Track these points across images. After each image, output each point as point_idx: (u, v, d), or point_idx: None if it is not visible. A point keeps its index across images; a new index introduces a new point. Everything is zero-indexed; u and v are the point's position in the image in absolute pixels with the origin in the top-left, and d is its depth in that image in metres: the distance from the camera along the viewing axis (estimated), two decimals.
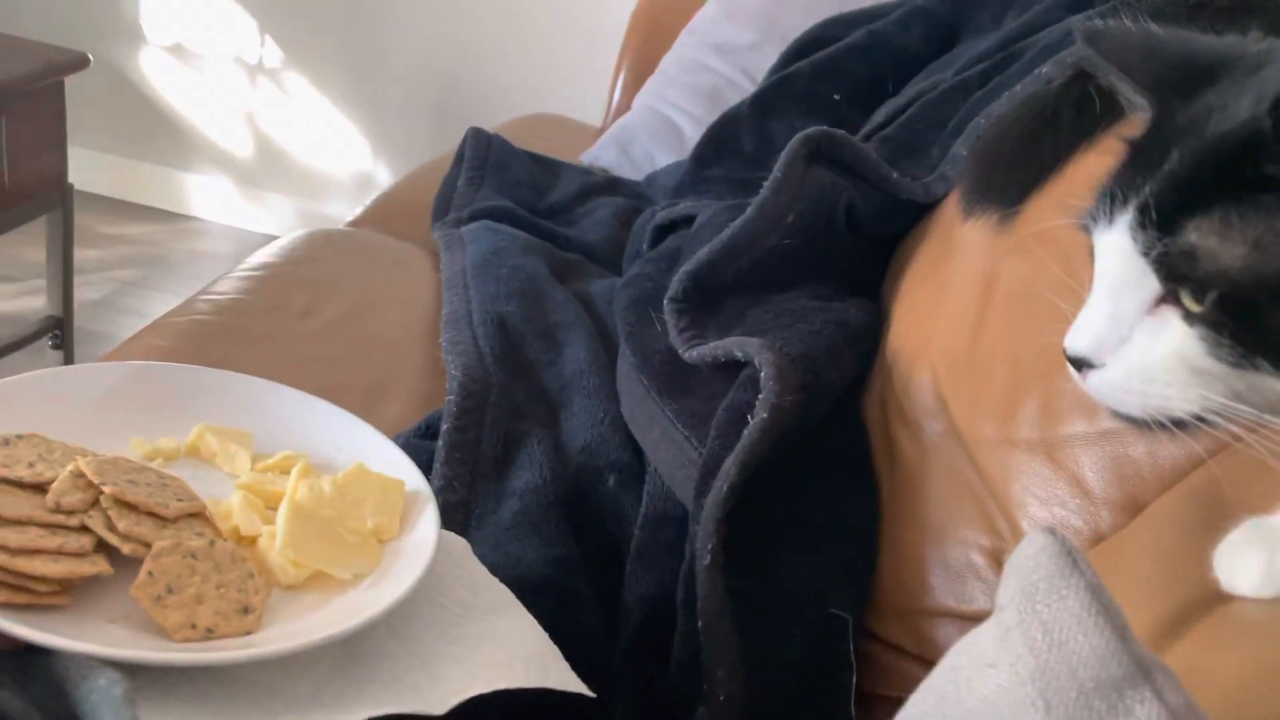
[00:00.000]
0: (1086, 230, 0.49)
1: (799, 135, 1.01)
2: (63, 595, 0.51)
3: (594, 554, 0.86)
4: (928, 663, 0.77)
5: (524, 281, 1.16)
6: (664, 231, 1.24)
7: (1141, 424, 0.47)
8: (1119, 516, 0.68)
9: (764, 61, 1.50)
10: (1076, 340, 0.48)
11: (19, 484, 0.55)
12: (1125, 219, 0.45)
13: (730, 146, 1.33)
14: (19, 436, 0.59)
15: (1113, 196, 0.46)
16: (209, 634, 0.52)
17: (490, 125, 1.61)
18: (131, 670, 0.47)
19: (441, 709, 0.53)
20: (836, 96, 1.27)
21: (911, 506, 0.81)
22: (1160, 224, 0.43)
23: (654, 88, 1.73)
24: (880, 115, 1.17)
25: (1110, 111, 0.75)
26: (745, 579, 0.75)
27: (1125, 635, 0.34)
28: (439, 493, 0.91)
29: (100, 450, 0.60)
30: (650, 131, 1.66)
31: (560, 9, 2.34)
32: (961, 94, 1.05)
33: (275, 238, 1.34)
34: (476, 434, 0.94)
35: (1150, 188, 0.44)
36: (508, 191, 1.42)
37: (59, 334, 1.76)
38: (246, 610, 0.54)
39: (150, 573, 0.52)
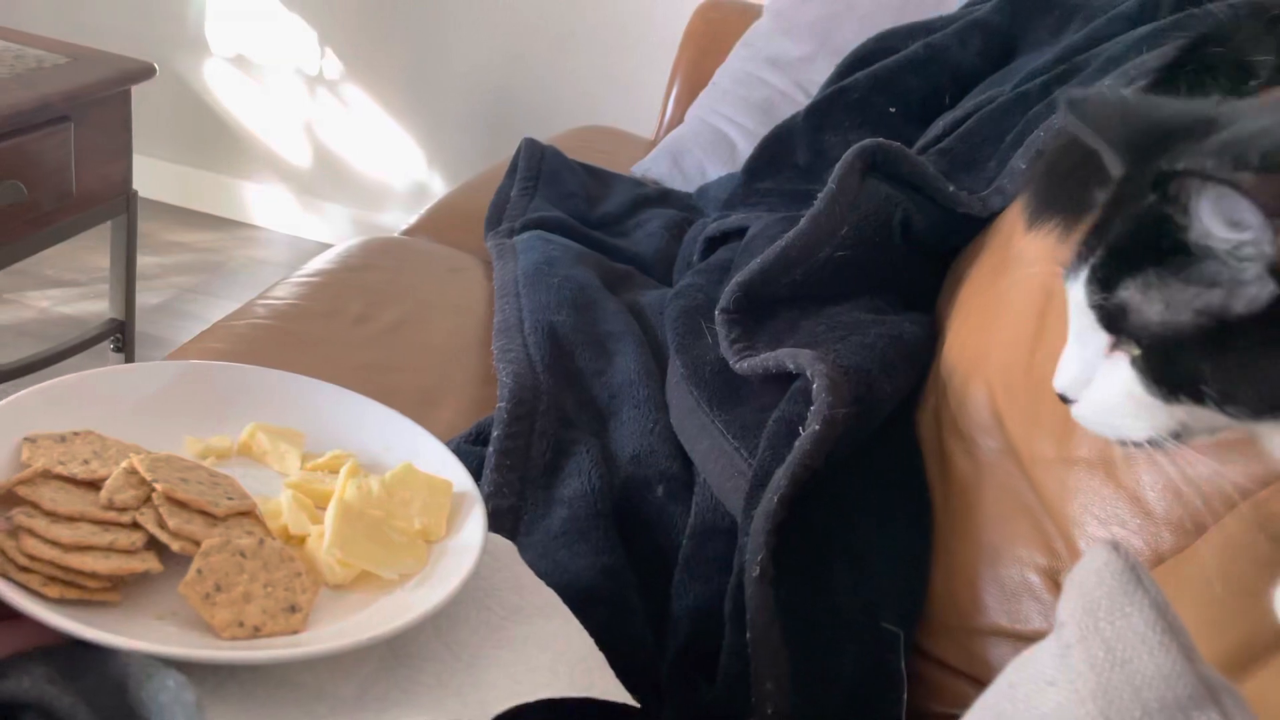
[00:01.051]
0: (1065, 280, 0.53)
1: (854, 147, 1.00)
2: (113, 591, 0.52)
3: (641, 564, 0.85)
4: (979, 682, 0.75)
5: (575, 291, 1.17)
6: (715, 243, 1.24)
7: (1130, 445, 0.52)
8: (1180, 538, 0.66)
9: (818, 75, 1.50)
10: (1059, 380, 0.54)
11: (73, 480, 0.55)
12: (1083, 274, 0.51)
13: (783, 159, 1.32)
14: (75, 434, 0.59)
15: (1080, 253, 0.51)
16: (256, 632, 0.52)
17: (544, 137, 1.62)
18: (179, 668, 0.47)
19: (485, 717, 0.53)
20: (892, 109, 1.26)
21: (965, 523, 0.80)
22: (1102, 282, 0.49)
23: (707, 100, 1.73)
24: (937, 128, 1.16)
25: None
26: (794, 592, 0.74)
27: (1192, 655, 0.33)
28: (488, 499, 0.91)
29: (154, 448, 0.60)
30: (702, 144, 1.66)
31: (615, 23, 2.35)
32: (1020, 107, 1.04)
33: (331, 246, 1.36)
34: (526, 441, 0.94)
35: (1100, 248, 0.50)
36: (560, 202, 1.43)
37: (120, 337, 1.80)
38: (293, 609, 0.54)
39: (199, 570, 0.52)
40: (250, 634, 0.52)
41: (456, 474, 0.67)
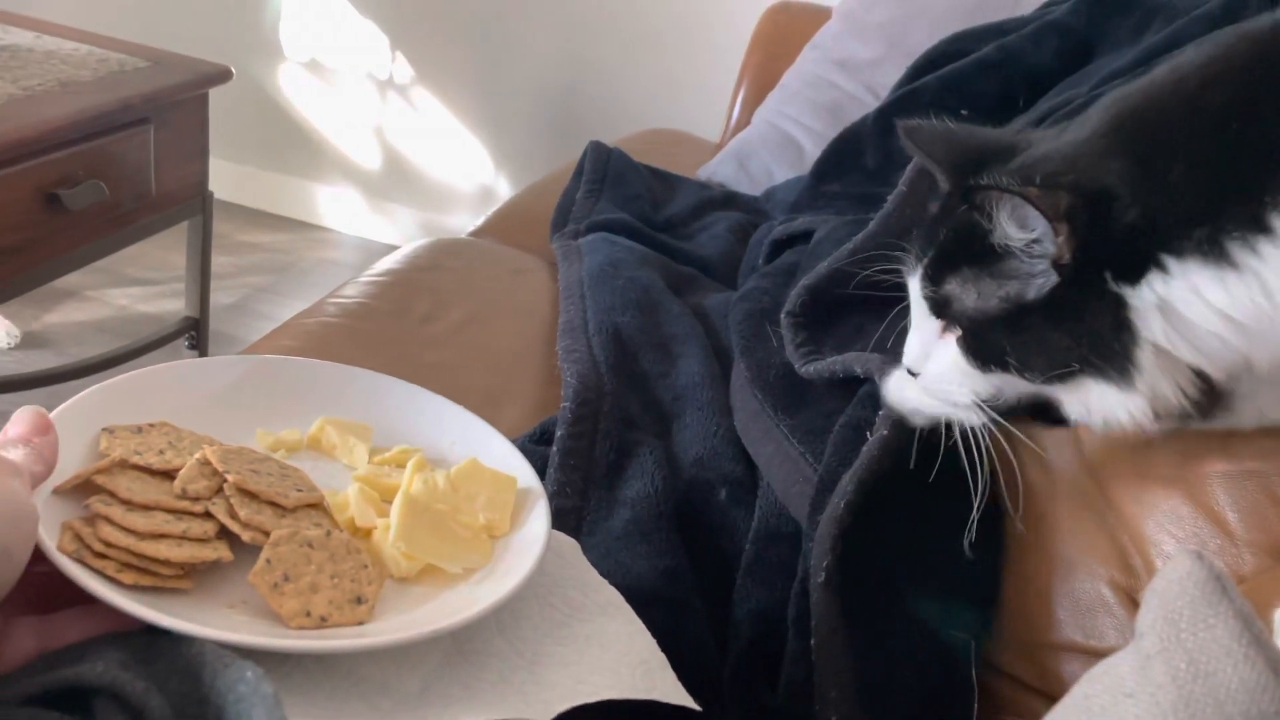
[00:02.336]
0: (907, 277, 0.64)
1: None
2: (185, 579, 0.52)
3: (704, 567, 0.85)
4: (1050, 697, 0.74)
5: (640, 293, 1.16)
6: (781, 246, 1.23)
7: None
8: (1262, 559, 0.64)
9: (888, 78, 1.48)
10: (906, 358, 0.65)
11: (148, 470, 0.56)
12: (919, 271, 0.62)
13: (852, 161, 1.31)
14: (151, 425, 0.60)
15: (916, 254, 0.62)
16: (323, 622, 0.52)
17: (610, 140, 1.62)
18: (248, 657, 0.47)
19: (546, 717, 0.53)
20: (964, 112, 1.24)
21: (1038, 536, 0.78)
22: (931, 278, 0.60)
23: (774, 103, 1.72)
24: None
25: None
26: (859, 599, 0.73)
27: (1279, 669, 0.31)
28: (552, 498, 0.91)
29: (226, 440, 0.61)
30: (769, 146, 1.65)
31: (682, 25, 2.35)
32: None
33: (398, 248, 1.38)
34: (590, 441, 0.94)
35: (931, 250, 0.60)
36: (625, 204, 1.43)
37: (195, 335, 1.84)
38: (360, 601, 0.54)
39: (268, 560, 0.53)
40: (317, 624, 0.52)
41: (521, 470, 0.67)
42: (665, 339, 1.11)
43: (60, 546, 0.50)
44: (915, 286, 0.62)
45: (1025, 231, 0.55)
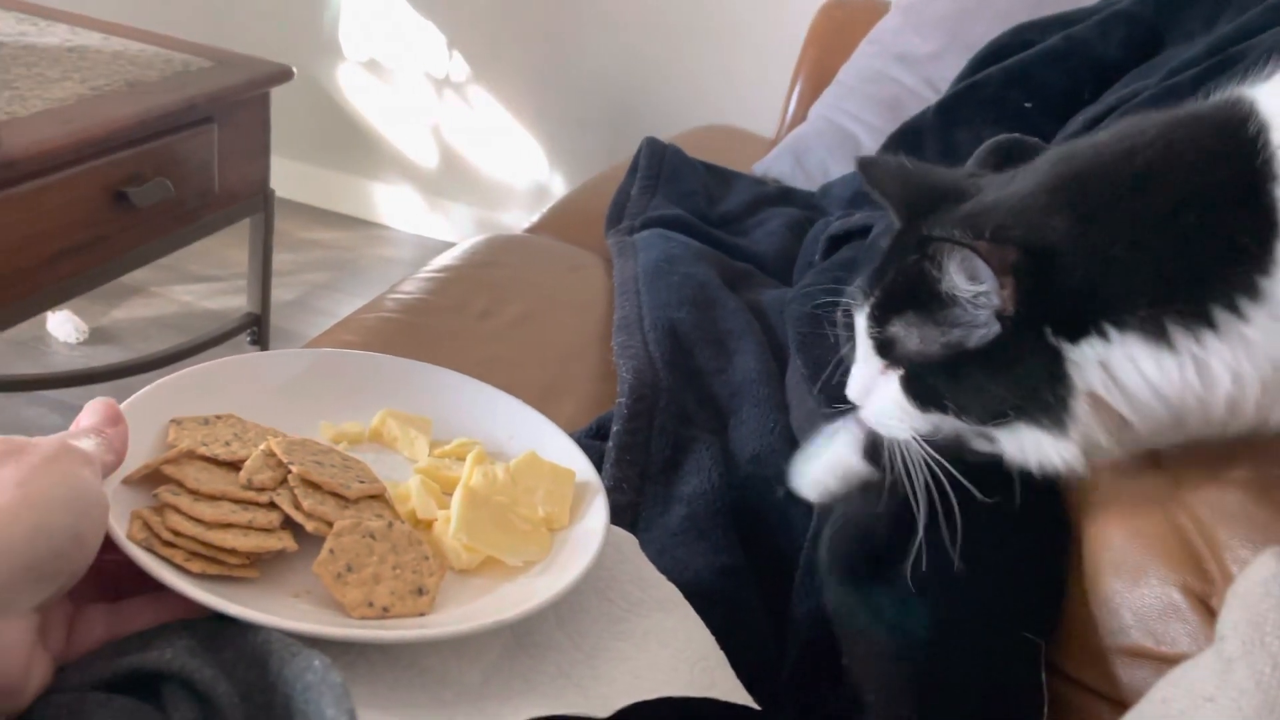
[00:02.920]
0: (855, 311, 0.65)
1: (989, 141, 0.97)
2: (251, 569, 0.53)
3: (761, 565, 0.84)
4: (1118, 704, 0.72)
5: (695, 289, 1.16)
6: (838, 242, 1.21)
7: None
8: None
9: (948, 71, 1.46)
10: (850, 390, 0.67)
11: (215, 461, 0.57)
12: (865, 310, 0.63)
13: (912, 155, 1.29)
14: (217, 417, 0.61)
15: (865, 290, 0.63)
16: (385, 613, 0.53)
17: (665, 136, 1.62)
18: (314, 646, 0.47)
19: (605, 712, 0.52)
20: (1028, 104, 1.21)
21: (1107, 537, 0.76)
22: (877, 319, 0.61)
23: (831, 98, 1.70)
24: (1075, 124, 1.11)
25: None
26: (900, 606, 0.72)
27: None
28: (608, 494, 0.91)
29: (290, 432, 0.62)
30: (826, 142, 1.63)
31: (737, 22, 2.34)
32: (1170, 100, 0.98)
33: (454, 245, 1.39)
34: (646, 437, 0.93)
35: (878, 290, 0.62)
36: (680, 200, 1.43)
37: (256, 330, 1.87)
38: (421, 592, 0.54)
39: (332, 550, 0.53)
40: (379, 614, 0.53)
41: (579, 464, 0.67)
42: (721, 335, 1.10)
43: (130, 535, 0.51)
44: (861, 323, 0.63)
45: (973, 283, 0.56)
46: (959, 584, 0.74)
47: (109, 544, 0.49)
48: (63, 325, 2.12)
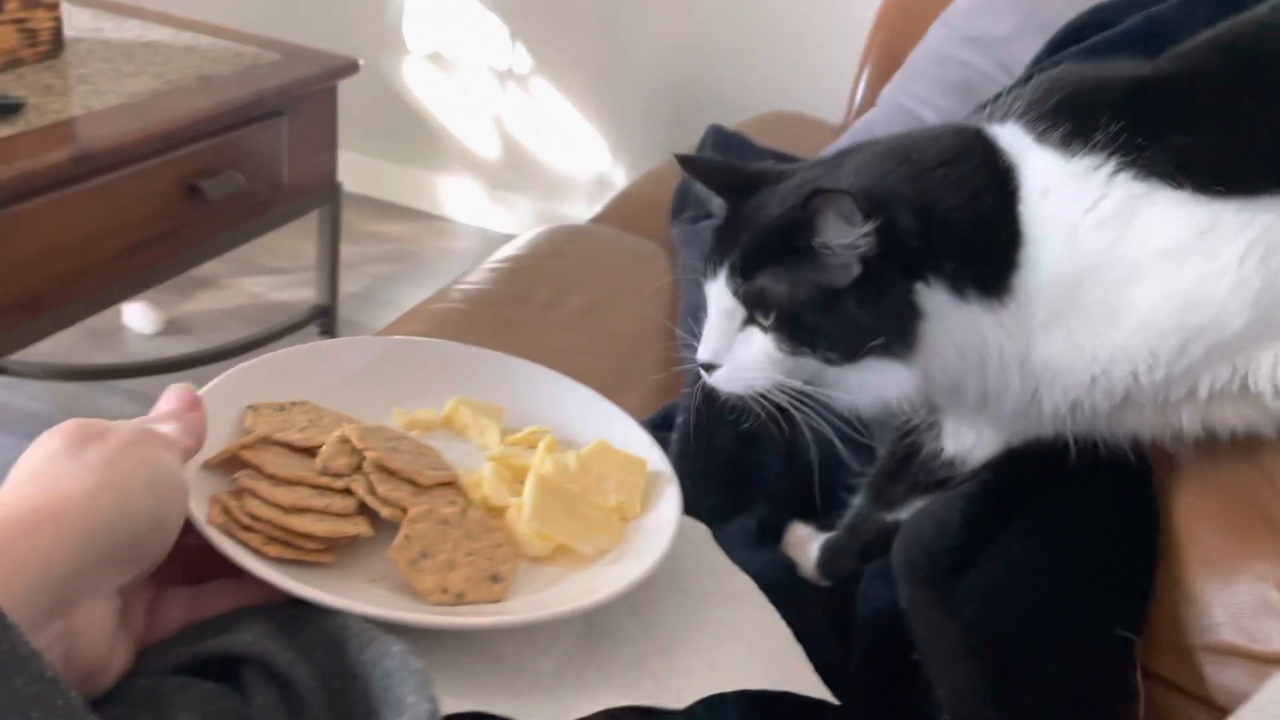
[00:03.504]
0: (701, 281, 0.74)
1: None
2: (328, 554, 0.53)
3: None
4: (1205, 702, 0.69)
5: None
6: None
7: (748, 400, 0.71)
8: None
9: (1023, 53, 1.42)
10: (704, 352, 0.72)
11: (291, 447, 0.57)
12: (723, 273, 0.70)
13: None
14: (293, 404, 0.62)
15: (712, 260, 0.72)
16: (460, 599, 0.52)
17: (730, 124, 1.60)
18: (390, 631, 0.47)
19: (681, 704, 0.52)
20: None
21: (1195, 532, 0.73)
22: (743, 274, 0.69)
23: (901, 82, 1.67)
24: None
25: None
26: (982, 600, 0.71)
27: None
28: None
29: (363, 418, 0.62)
30: (896, 127, 1.59)
31: (803, 5, 2.31)
32: None
33: (517, 237, 1.39)
34: (710, 430, 0.93)
35: (735, 253, 0.70)
36: None
37: (324, 322, 1.89)
38: (495, 579, 0.54)
39: (407, 536, 0.53)
40: (454, 600, 0.52)
41: (651, 453, 0.66)
42: None
43: (209, 519, 0.51)
44: (719, 287, 0.71)
45: (846, 229, 0.64)
46: (1043, 577, 0.72)
47: (189, 528, 0.49)
48: (138, 316, 2.17)
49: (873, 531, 0.82)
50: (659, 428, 0.95)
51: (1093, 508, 0.76)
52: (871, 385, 0.69)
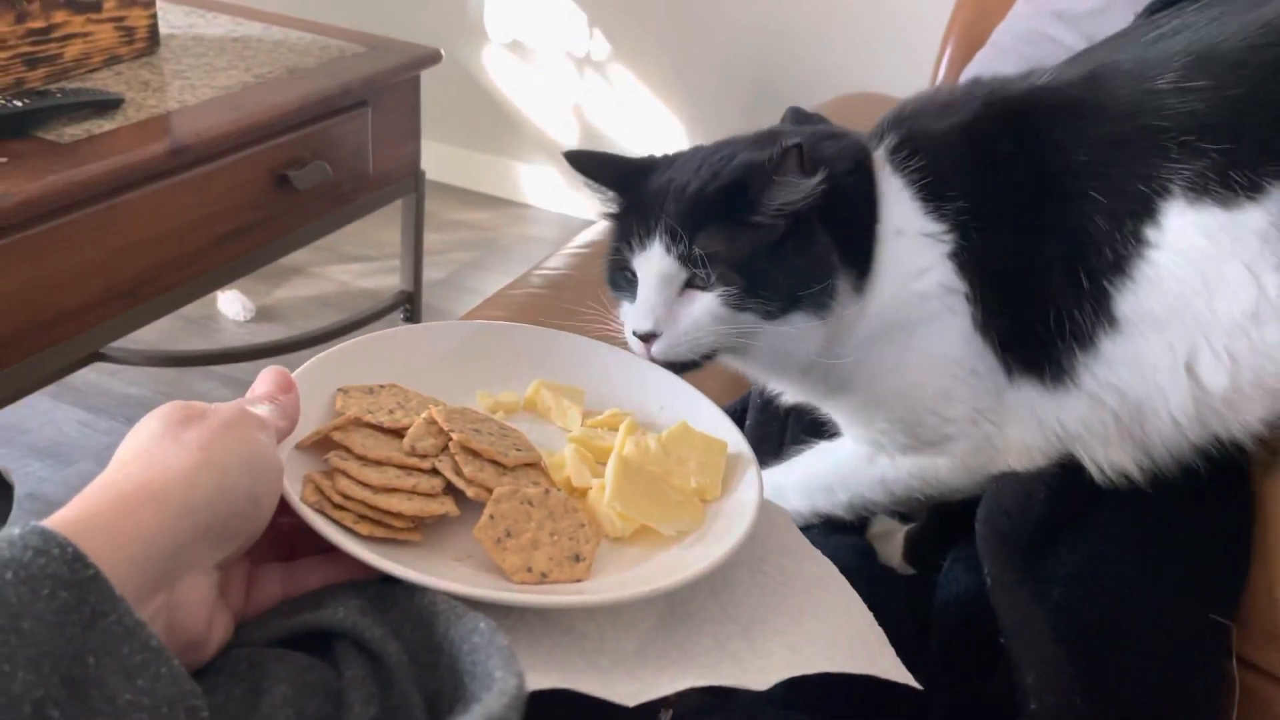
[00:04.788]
0: (624, 261, 0.76)
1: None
2: (416, 532, 0.54)
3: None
4: None
5: None
6: None
7: (690, 364, 0.74)
8: None
9: (1112, 27, 1.37)
10: (643, 323, 0.73)
11: (380, 428, 0.59)
12: (655, 243, 0.72)
13: None
14: (381, 386, 0.63)
15: (633, 240, 0.74)
16: (544, 578, 0.53)
17: (808, 106, 1.58)
18: (477, 608, 0.48)
19: (763, 685, 0.52)
20: None
21: None
22: (683, 238, 0.71)
23: (985, 61, 1.63)
24: None
25: None
26: (1069, 587, 0.69)
27: None
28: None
29: (448, 401, 0.63)
30: None
31: None
32: None
33: (596, 223, 1.39)
34: (780, 426, 0.94)
35: (664, 224, 0.72)
36: None
37: (409, 308, 1.92)
38: (578, 559, 0.55)
39: (491, 516, 0.54)
40: (538, 579, 0.53)
41: (731, 436, 0.66)
42: None
43: (303, 498, 0.52)
44: (653, 256, 0.72)
45: (803, 176, 0.68)
46: (1133, 561, 0.70)
47: (284, 506, 0.50)
48: (231, 304, 2.24)
49: (954, 515, 0.81)
50: (738, 416, 0.95)
51: (1182, 489, 0.73)
52: (795, 338, 0.72)
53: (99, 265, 1.26)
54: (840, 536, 0.84)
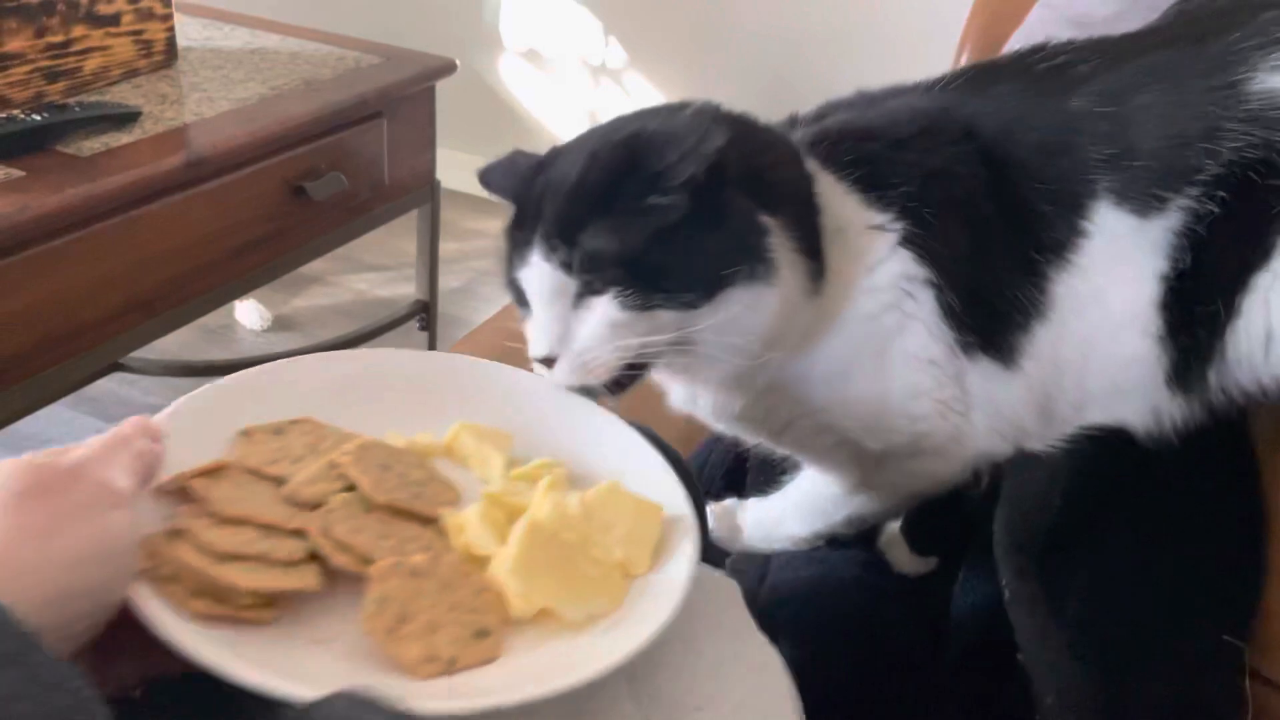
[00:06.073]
0: (514, 280, 0.69)
1: None
2: (267, 610, 0.46)
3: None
4: None
5: None
6: None
7: (598, 390, 0.66)
8: None
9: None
10: (540, 346, 0.66)
11: (260, 474, 0.52)
12: (535, 255, 0.65)
13: None
14: (293, 423, 0.55)
15: (515, 254, 0.68)
16: (451, 665, 0.46)
17: None
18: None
19: None
20: None
21: None
22: (562, 242, 0.64)
23: None
24: None
25: None
26: (1085, 604, 0.69)
27: None
28: (751, 486, 0.90)
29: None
30: None
31: None
32: None
33: None
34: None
35: (541, 230, 0.65)
36: None
37: (425, 317, 1.93)
38: (484, 633, 0.47)
39: (380, 599, 0.46)
40: (446, 669, 0.45)
41: (673, 496, 0.58)
42: None
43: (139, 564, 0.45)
44: (536, 269, 0.65)
45: (690, 155, 0.62)
46: (1149, 581, 0.69)
47: None
48: (249, 313, 2.25)
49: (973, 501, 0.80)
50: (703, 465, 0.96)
51: (1197, 508, 0.73)
52: (743, 319, 0.65)
53: (118, 277, 1.27)
54: (843, 551, 0.84)
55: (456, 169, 2.82)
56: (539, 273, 0.66)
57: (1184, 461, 0.71)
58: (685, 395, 0.77)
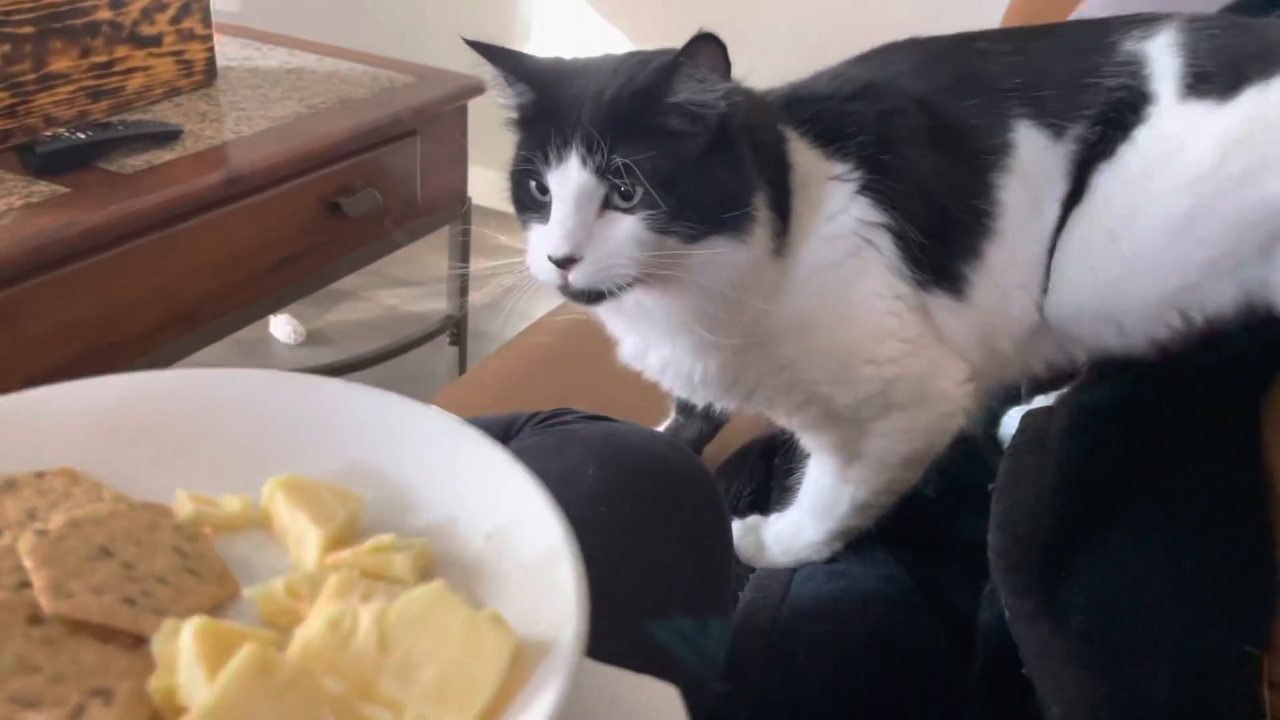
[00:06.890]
0: (536, 174, 0.69)
1: None
2: None
3: (950, 569, 0.83)
4: None
5: None
6: None
7: (603, 294, 0.69)
8: None
9: None
10: (562, 247, 0.67)
11: None
12: (572, 156, 0.67)
13: None
14: (38, 475, 0.39)
15: (547, 150, 0.68)
16: None
17: None
18: None
19: None
20: None
21: None
22: (604, 149, 0.66)
23: None
24: None
25: None
26: (1090, 613, 0.69)
27: None
28: (775, 505, 0.91)
29: (146, 499, 0.40)
30: None
31: (924, 10, 2.27)
32: None
33: None
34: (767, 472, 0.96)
35: (580, 134, 0.66)
36: None
37: (455, 332, 1.95)
38: None
39: None
40: None
41: (564, 581, 0.36)
42: None
43: None
44: (570, 171, 0.67)
45: (712, 83, 0.67)
46: (1156, 590, 0.68)
47: None
48: (283, 328, 2.28)
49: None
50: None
51: (1202, 514, 0.72)
52: (714, 265, 0.69)
53: (159, 291, 1.30)
54: (864, 564, 0.84)
55: (488, 185, 2.86)
56: (574, 173, 0.67)
57: (1184, 461, 0.71)
58: (636, 350, 0.82)
